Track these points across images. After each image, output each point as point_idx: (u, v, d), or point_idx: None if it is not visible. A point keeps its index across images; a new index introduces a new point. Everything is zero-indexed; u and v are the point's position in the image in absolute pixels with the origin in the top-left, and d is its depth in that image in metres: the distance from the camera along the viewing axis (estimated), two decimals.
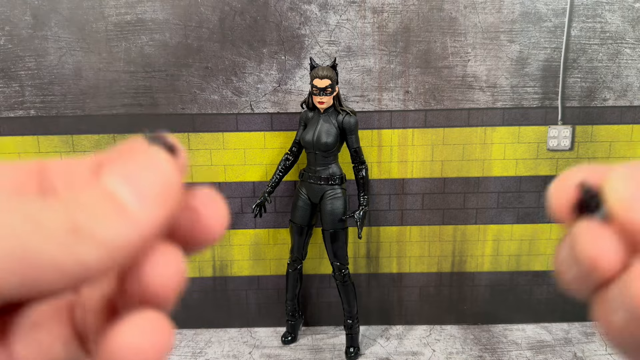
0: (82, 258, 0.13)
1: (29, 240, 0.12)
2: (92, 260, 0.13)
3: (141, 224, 0.14)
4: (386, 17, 1.34)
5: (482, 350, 1.43)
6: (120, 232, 0.13)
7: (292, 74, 1.36)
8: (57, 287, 0.13)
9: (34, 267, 0.13)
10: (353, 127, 1.26)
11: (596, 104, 1.43)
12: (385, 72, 1.37)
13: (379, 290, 1.53)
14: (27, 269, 0.12)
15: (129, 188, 0.14)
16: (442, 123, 1.40)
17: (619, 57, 1.42)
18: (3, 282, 0.12)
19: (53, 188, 0.16)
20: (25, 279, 0.13)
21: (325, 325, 1.54)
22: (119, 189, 0.14)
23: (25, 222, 0.13)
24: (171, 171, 0.15)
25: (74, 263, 0.13)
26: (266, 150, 1.41)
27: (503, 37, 1.37)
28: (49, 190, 0.16)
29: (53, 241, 0.13)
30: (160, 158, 0.15)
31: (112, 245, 0.13)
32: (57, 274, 0.13)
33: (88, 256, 0.13)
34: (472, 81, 1.39)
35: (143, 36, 1.33)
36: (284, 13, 1.33)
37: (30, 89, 1.38)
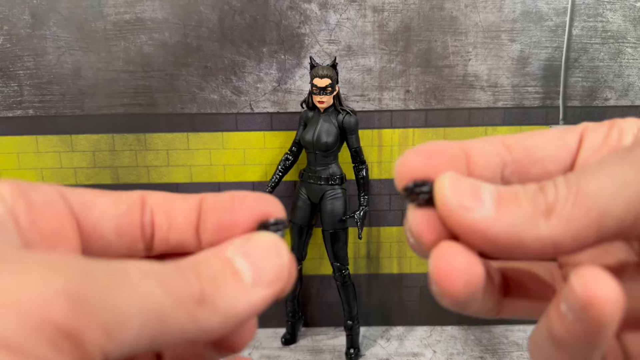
0: (202, 324, 0.14)
1: (163, 307, 0.14)
2: (210, 327, 0.15)
3: (253, 300, 0.16)
4: (387, 16, 1.34)
5: (483, 351, 1.42)
6: (237, 304, 0.15)
7: (292, 73, 1.36)
8: (172, 344, 0.14)
9: (163, 332, 0.14)
10: (353, 126, 1.26)
11: (597, 103, 1.43)
12: (386, 71, 1.37)
13: (379, 290, 1.53)
14: (159, 334, 0.14)
15: (249, 265, 0.16)
16: (443, 123, 1.39)
17: (620, 56, 1.41)
18: (137, 346, 0.13)
19: (155, 224, 0.19)
20: (154, 341, 0.14)
21: (325, 326, 1.53)
22: (241, 265, 0.16)
23: (160, 288, 0.14)
24: (286, 258, 0.17)
25: (194, 329, 0.14)
26: (266, 150, 1.40)
27: (504, 36, 1.36)
28: (149, 225, 0.19)
29: (182, 308, 0.14)
30: (279, 244, 0.17)
31: (227, 315, 0.15)
32: (178, 336, 0.14)
33: (208, 323, 0.15)
34: (473, 80, 1.38)
35: (142, 35, 1.33)
36: (283, 12, 1.33)
37: (29, 89, 1.37)
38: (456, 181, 0.17)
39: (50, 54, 1.34)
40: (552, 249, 0.16)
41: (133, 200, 0.19)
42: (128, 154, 1.41)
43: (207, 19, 1.33)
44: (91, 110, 1.37)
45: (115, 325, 0.13)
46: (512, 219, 0.16)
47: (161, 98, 1.37)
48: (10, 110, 1.37)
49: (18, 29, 1.33)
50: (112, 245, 0.19)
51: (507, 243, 0.16)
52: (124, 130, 1.39)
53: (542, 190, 0.16)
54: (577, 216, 0.15)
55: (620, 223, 0.15)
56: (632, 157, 0.16)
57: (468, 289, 0.17)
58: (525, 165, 0.20)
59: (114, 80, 1.35)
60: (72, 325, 0.12)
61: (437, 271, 0.17)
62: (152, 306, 0.13)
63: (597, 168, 0.16)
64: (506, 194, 0.17)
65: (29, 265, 0.13)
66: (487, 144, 0.20)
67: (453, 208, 0.17)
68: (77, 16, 1.32)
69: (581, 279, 0.15)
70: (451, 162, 0.19)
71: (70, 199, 0.18)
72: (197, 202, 0.19)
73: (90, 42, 1.33)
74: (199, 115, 1.38)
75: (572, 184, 0.16)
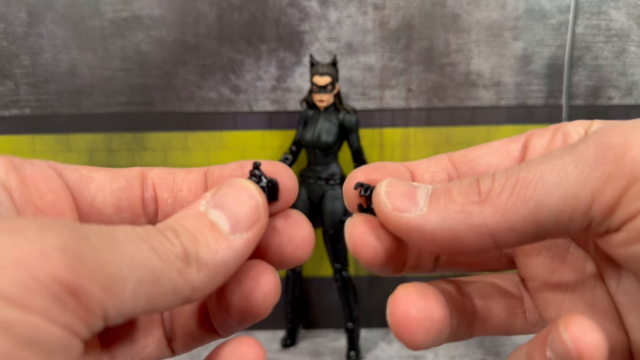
0: (191, 279, 0.15)
1: (156, 268, 0.14)
2: (198, 281, 0.15)
3: (235, 246, 0.16)
4: (388, 14, 1.32)
5: (486, 354, 1.41)
6: (219, 254, 0.16)
7: (292, 71, 1.34)
8: (169, 306, 0.15)
9: (159, 291, 0.14)
10: (354, 125, 1.25)
11: (601, 102, 1.42)
12: (387, 69, 1.35)
13: (380, 292, 1.51)
14: (154, 292, 0.14)
15: (223, 214, 0.16)
16: (445, 121, 1.38)
17: (624, 55, 1.40)
18: (135, 306, 0.14)
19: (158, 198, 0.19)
20: (151, 302, 0.14)
21: (325, 328, 1.51)
22: (215, 216, 0.16)
23: (148, 249, 0.14)
24: (259, 199, 0.17)
25: (185, 285, 0.15)
26: (265, 149, 1.39)
27: (507, 34, 1.35)
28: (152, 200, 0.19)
29: (172, 267, 0.15)
30: (249, 187, 0.17)
31: (213, 266, 0.15)
32: (172, 296, 0.15)
33: (196, 277, 0.15)
34: (476, 79, 1.36)
35: (139, 33, 1.32)
36: (283, 9, 1.31)
37: (26, 87, 1.36)
38: (392, 185, 0.17)
39: (47, 52, 1.33)
40: (490, 240, 0.16)
41: (132, 175, 0.19)
42: (125, 154, 1.40)
43: (205, 16, 1.31)
44: (88, 109, 1.36)
45: (112, 282, 0.13)
46: (445, 212, 0.16)
47: (158, 96, 1.35)
48: (6, 109, 1.36)
49: (14, 27, 1.32)
50: (111, 221, 0.19)
51: (443, 237, 0.16)
52: (121, 129, 1.38)
53: (476, 182, 0.16)
54: (514, 205, 0.15)
55: (557, 216, 0.15)
56: (574, 151, 0.15)
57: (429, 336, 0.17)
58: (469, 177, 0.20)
59: (111, 78, 1.34)
60: (73, 280, 0.12)
61: (395, 321, 0.17)
62: (144, 265, 0.14)
63: (539, 159, 0.16)
64: (440, 189, 0.17)
65: (23, 226, 0.12)
66: (432, 162, 0.21)
67: (388, 211, 0.17)
68: (73, 14, 1.31)
69: (570, 331, 0.15)
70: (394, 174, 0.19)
71: (65, 174, 0.18)
72: (202, 173, 0.20)
73: (87, 40, 1.32)
74: (196, 114, 1.37)
75: (511, 174, 0.16)
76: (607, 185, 0.15)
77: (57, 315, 0.12)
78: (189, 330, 0.20)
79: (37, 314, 0.12)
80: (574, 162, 0.15)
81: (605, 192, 0.15)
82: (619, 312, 0.18)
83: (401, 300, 0.17)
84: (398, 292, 0.18)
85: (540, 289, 0.20)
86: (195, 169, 0.20)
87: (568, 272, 0.20)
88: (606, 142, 0.15)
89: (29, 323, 0.11)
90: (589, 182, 0.15)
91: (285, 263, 0.19)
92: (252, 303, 0.18)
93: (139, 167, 0.20)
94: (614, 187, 0.15)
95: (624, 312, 0.17)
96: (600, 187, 0.15)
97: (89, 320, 0.13)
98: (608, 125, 0.16)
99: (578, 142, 0.16)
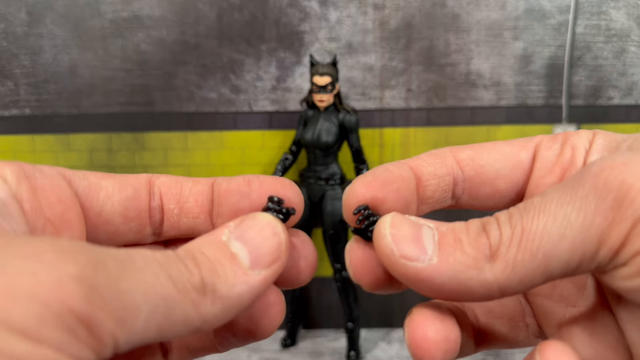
0: (206, 313, 0.15)
1: (171, 298, 0.14)
2: (211, 314, 0.15)
3: (254, 283, 0.16)
4: (388, 14, 1.32)
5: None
6: (236, 288, 0.15)
7: (292, 71, 1.34)
8: (177, 336, 0.14)
9: (170, 322, 0.14)
10: (354, 125, 1.24)
11: (601, 102, 1.41)
12: (387, 69, 1.35)
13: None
14: (165, 324, 0.14)
15: (245, 248, 0.16)
16: (445, 121, 1.38)
17: (624, 55, 1.40)
18: (145, 336, 0.13)
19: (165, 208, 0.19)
20: (160, 332, 0.14)
21: (325, 328, 1.51)
22: (237, 248, 0.16)
23: (165, 277, 0.14)
24: (283, 237, 0.17)
25: (197, 316, 0.14)
26: (265, 149, 1.39)
27: (507, 34, 1.35)
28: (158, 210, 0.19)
29: (187, 298, 0.14)
30: (274, 224, 0.17)
31: (227, 300, 0.15)
32: (182, 326, 0.14)
33: (211, 311, 0.15)
34: (476, 79, 1.36)
35: (139, 33, 1.32)
36: (283, 9, 1.31)
37: (26, 87, 1.36)
38: (397, 226, 0.17)
39: (47, 52, 1.33)
40: (498, 292, 0.16)
41: (140, 183, 0.19)
42: (125, 154, 1.40)
43: (205, 16, 1.31)
44: (88, 109, 1.36)
45: (125, 312, 0.13)
46: (456, 266, 0.16)
47: (158, 97, 1.35)
48: (6, 109, 1.36)
49: (14, 27, 1.32)
50: (118, 230, 0.18)
51: (452, 290, 0.16)
52: (121, 129, 1.38)
53: (485, 231, 0.16)
54: (523, 260, 0.15)
55: (566, 264, 0.15)
56: (573, 196, 0.15)
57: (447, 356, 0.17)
58: (476, 184, 0.20)
59: (111, 78, 1.34)
60: (87, 311, 0.12)
61: (414, 344, 0.17)
62: (158, 295, 0.14)
63: (539, 207, 0.16)
64: (447, 236, 0.16)
65: (40, 251, 0.12)
66: (438, 161, 0.20)
67: (394, 259, 0.16)
68: (73, 14, 1.30)
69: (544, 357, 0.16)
70: (400, 192, 0.18)
71: (74, 182, 0.18)
72: (209, 185, 0.19)
73: (87, 40, 1.32)
74: (196, 114, 1.37)
75: (516, 224, 0.16)
76: (612, 229, 0.15)
77: (70, 347, 0.12)
78: (186, 344, 0.19)
79: (50, 347, 0.12)
80: (575, 210, 0.15)
81: (611, 236, 0.15)
82: (620, 328, 0.18)
83: (419, 323, 0.17)
84: (414, 315, 0.18)
85: (541, 303, 0.21)
86: (202, 179, 0.20)
87: (569, 287, 0.20)
88: (603, 186, 0.15)
89: (41, 356, 0.11)
90: (593, 229, 0.15)
91: (288, 284, 0.19)
92: (258, 325, 0.18)
93: (146, 175, 0.20)
94: (619, 231, 0.15)
95: (625, 328, 0.17)
96: (605, 232, 0.15)
97: (99, 351, 0.13)
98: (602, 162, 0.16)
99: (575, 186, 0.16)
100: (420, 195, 0.19)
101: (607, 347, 0.18)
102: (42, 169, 0.17)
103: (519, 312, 0.21)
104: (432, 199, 0.20)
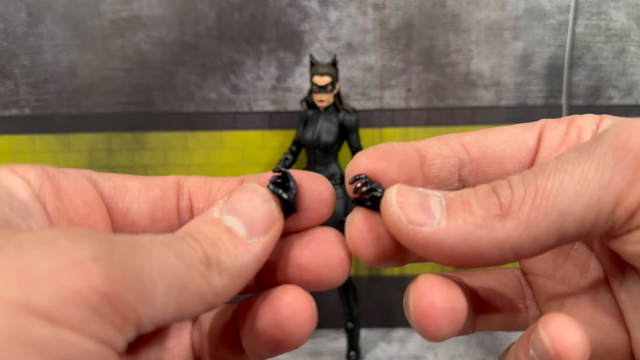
0: (214, 284, 0.15)
1: (182, 273, 0.14)
2: (220, 286, 0.15)
3: (253, 250, 0.16)
4: (388, 14, 1.32)
5: (486, 354, 1.41)
6: (239, 258, 0.16)
7: (292, 71, 1.34)
8: (196, 312, 0.15)
9: (186, 296, 0.14)
10: (354, 125, 1.24)
11: (601, 102, 1.41)
12: (387, 69, 1.35)
13: (380, 292, 1.51)
14: (181, 297, 0.14)
15: (239, 220, 0.16)
16: (445, 121, 1.38)
17: (624, 55, 1.40)
18: (166, 312, 0.14)
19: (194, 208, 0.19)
20: (179, 308, 0.14)
21: (325, 328, 1.51)
22: (231, 222, 0.16)
23: (174, 254, 0.14)
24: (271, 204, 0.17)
25: (209, 289, 0.15)
26: (265, 149, 1.39)
27: (507, 34, 1.35)
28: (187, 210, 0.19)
29: (196, 272, 0.14)
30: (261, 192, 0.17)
31: (233, 270, 0.15)
32: (198, 301, 0.15)
33: (220, 283, 0.15)
34: (476, 79, 1.36)
35: (139, 33, 1.32)
36: (283, 9, 1.31)
37: (25, 87, 1.36)
38: (404, 194, 0.17)
39: (47, 52, 1.33)
40: (511, 253, 0.15)
41: (167, 184, 0.19)
42: (125, 154, 1.40)
43: (205, 16, 1.31)
44: (88, 109, 1.36)
45: (144, 288, 0.13)
46: (465, 227, 0.15)
47: (158, 96, 1.35)
48: (6, 109, 1.36)
49: (14, 27, 1.32)
50: (146, 232, 0.19)
51: (464, 253, 0.16)
52: (121, 129, 1.38)
53: (495, 192, 0.16)
54: (537, 218, 0.15)
55: (581, 223, 0.15)
56: (590, 155, 0.15)
57: (452, 327, 0.17)
58: (482, 165, 0.19)
59: (111, 78, 1.34)
60: (109, 288, 0.12)
61: (419, 312, 0.17)
62: (170, 270, 0.14)
63: (555, 166, 0.15)
64: (455, 200, 0.16)
65: (53, 237, 0.12)
66: (443, 143, 0.20)
67: (402, 225, 0.16)
68: (73, 14, 1.30)
69: (547, 330, 0.15)
70: (403, 164, 0.18)
71: (100, 184, 0.18)
72: (238, 182, 0.19)
73: (87, 40, 1.32)
74: (196, 114, 1.37)
75: (529, 183, 0.15)
76: (631, 189, 0.15)
77: (94, 328, 0.12)
78: (218, 352, 0.19)
79: (74, 330, 0.11)
80: (593, 168, 0.15)
81: (629, 196, 0.15)
82: (620, 310, 0.18)
83: (425, 289, 0.17)
84: (421, 281, 0.17)
85: (543, 285, 0.20)
86: (231, 178, 0.20)
87: (571, 269, 0.20)
88: (624, 145, 0.15)
89: (65, 340, 0.11)
90: (611, 187, 0.15)
91: (320, 285, 0.19)
92: (285, 332, 0.17)
93: (173, 176, 0.20)
94: (638, 190, 0.15)
95: (626, 310, 0.17)
96: (623, 191, 0.15)
97: (124, 329, 0.12)
98: (621, 124, 0.16)
99: (593, 145, 0.16)
100: (426, 174, 0.19)
101: (606, 329, 0.18)
102: (66, 172, 0.17)
103: (519, 293, 0.21)
104: (437, 179, 0.19)
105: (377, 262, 0.19)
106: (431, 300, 0.16)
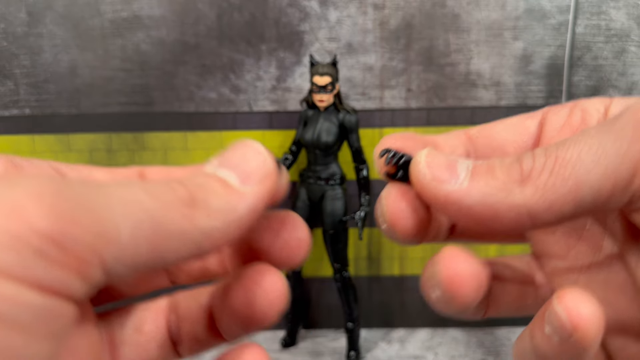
0: (202, 225, 0.14)
1: (155, 211, 0.13)
2: (210, 227, 0.14)
3: (247, 198, 0.15)
4: (388, 14, 1.32)
5: (486, 354, 1.41)
6: (231, 203, 0.15)
7: (292, 71, 1.34)
8: (182, 254, 0.14)
9: (161, 234, 0.13)
10: (354, 125, 1.25)
11: None
12: (387, 69, 1.35)
13: (380, 292, 1.51)
14: (156, 237, 0.13)
15: (232, 172, 0.16)
16: (445, 122, 1.38)
17: (624, 55, 1.40)
18: (137, 252, 0.13)
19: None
20: (154, 247, 0.13)
21: (325, 328, 1.51)
22: (224, 174, 0.16)
23: (145, 193, 0.13)
24: (266, 156, 0.17)
25: (195, 230, 0.14)
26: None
27: (507, 34, 1.35)
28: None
29: (174, 210, 0.14)
30: (255, 145, 0.17)
31: (226, 214, 0.15)
32: (181, 242, 0.14)
33: (207, 223, 0.14)
34: (476, 79, 1.36)
35: (139, 33, 1.32)
36: (283, 9, 1.31)
37: (25, 87, 1.36)
38: (432, 156, 0.17)
39: (47, 52, 1.33)
40: (527, 219, 0.16)
41: (131, 175, 0.19)
42: (125, 154, 1.40)
43: (205, 16, 1.31)
44: (88, 109, 1.36)
45: (102, 225, 0.12)
46: (486, 188, 0.16)
47: (158, 97, 1.35)
48: (6, 109, 1.36)
49: (14, 27, 1.32)
50: None
51: (481, 213, 0.16)
52: (121, 129, 1.38)
53: (518, 161, 0.16)
54: (554, 184, 0.15)
55: (597, 192, 0.15)
56: (611, 127, 0.16)
57: (479, 293, 0.17)
58: (487, 153, 0.20)
59: (111, 78, 1.34)
60: (56, 227, 0.11)
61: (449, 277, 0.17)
62: (138, 209, 0.13)
63: (576, 139, 0.16)
64: (481, 165, 0.17)
65: None
66: (450, 137, 0.20)
67: (427, 181, 0.17)
68: (73, 14, 1.31)
69: (563, 304, 0.15)
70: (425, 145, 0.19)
71: (67, 174, 0.17)
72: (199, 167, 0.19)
73: (87, 40, 1.32)
74: (196, 114, 1.37)
75: (550, 154, 0.16)
76: None
77: (37, 272, 0.11)
78: (195, 334, 0.19)
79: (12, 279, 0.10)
80: (611, 139, 0.15)
81: None
82: (636, 289, 0.18)
83: (452, 258, 0.17)
84: (447, 251, 0.18)
85: (554, 266, 0.20)
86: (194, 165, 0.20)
87: (584, 249, 0.20)
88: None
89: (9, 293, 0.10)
90: (629, 156, 0.15)
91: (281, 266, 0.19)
92: (257, 309, 0.17)
93: (137, 167, 0.19)
94: None
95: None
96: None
97: (85, 272, 0.11)
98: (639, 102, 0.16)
99: (613, 121, 0.16)
100: None
101: (621, 307, 0.18)
102: (31, 161, 0.17)
103: (528, 275, 0.21)
104: None
105: (412, 235, 0.19)
106: (459, 267, 0.17)
